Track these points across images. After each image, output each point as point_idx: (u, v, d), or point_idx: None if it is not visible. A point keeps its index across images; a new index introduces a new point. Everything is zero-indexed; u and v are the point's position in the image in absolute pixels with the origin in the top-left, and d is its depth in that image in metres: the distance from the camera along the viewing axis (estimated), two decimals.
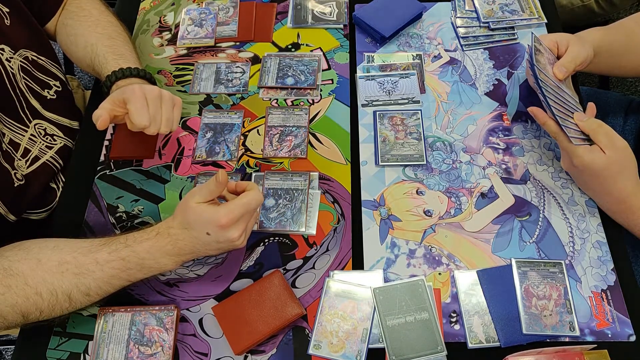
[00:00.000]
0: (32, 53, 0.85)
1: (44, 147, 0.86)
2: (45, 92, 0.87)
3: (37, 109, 0.85)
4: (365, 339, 0.69)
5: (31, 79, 0.85)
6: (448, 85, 0.92)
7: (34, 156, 0.85)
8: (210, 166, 0.85)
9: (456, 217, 0.79)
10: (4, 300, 0.63)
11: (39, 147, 0.85)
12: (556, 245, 0.76)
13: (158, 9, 1.05)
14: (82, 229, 0.80)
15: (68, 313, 0.67)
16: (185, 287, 0.75)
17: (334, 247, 0.77)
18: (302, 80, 0.93)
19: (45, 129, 0.87)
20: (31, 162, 0.84)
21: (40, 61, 0.87)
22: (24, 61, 0.83)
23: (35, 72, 0.86)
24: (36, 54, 0.86)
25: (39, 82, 0.86)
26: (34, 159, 0.85)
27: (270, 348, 0.70)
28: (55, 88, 0.90)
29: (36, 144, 0.84)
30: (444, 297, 0.73)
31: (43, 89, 0.87)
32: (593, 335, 0.69)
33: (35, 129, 0.84)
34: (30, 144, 0.84)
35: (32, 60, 0.85)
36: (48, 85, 0.88)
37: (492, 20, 0.97)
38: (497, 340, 0.69)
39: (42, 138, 0.86)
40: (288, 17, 1.02)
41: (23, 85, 0.83)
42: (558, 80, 0.77)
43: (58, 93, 0.90)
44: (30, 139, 0.84)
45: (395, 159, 0.83)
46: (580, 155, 0.71)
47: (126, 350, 0.69)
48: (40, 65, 0.87)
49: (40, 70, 0.87)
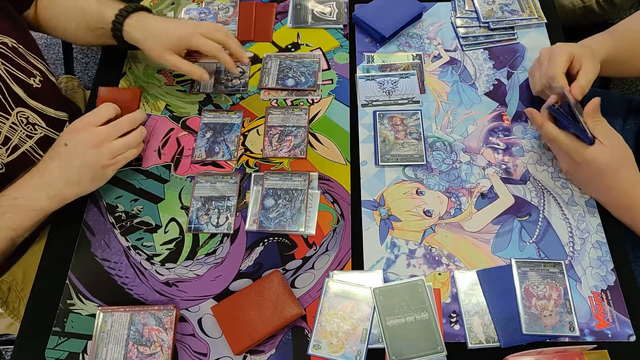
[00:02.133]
0: (11, 40, 0.83)
1: (24, 136, 0.84)
2: (30, 81, 0.86)
3: (20, 96, 0.84)
4: (365, 339, 0.69)
5: (13, 65, 0.83)
6: (448, 85, 0.92)
7: (14, 145, 0.83)
8: (210, 166, 0.85)
9: (456, 217, 0.79)
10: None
11: (19, 135, 0.83)
12: (556, 246, 0.76)
13: (158, 8, 1.05)
14: (81, 229, 0.80)
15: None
16: (184, 287, 0.75)
17: (334, 248, 0.77)
18: (302, 82, 0.93)
19: (27, 117, 0.85)
20: (11, 150, 0.83)
21: (21, 49, 0.85)
22: (2, 47, 0.81)
23: (16, 59, 0.84)
24: (15, 41, 0.84)
25: (22, 70, 0.84)
26: (14, 147, 0.83)
27: (270, 348, 0.70)
28: (38, 77, 0.88)
29: (17, 132, 0.83)
30: (444, 297, 0.72)
31: (29, 77, 0.85)
32: (593, 335, 0.69)
33: (17, 117, 0.83)
34: (10, 132, 0.82)
35: (12, 47, 0.83)
36: (32, 74, 0.86)
37: (492, 20, 0.97)
38: (497, 341, 0.69)
39: (24, 127, 0.84)
40: (288, 17, 1.02)
41: (3, 72, 0.81)
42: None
43: (42, 82, 0.88)
44: (11, 127, 0.82)
45: (395, 159, 0.83)
46: (582, 151, 0.71)
47: (125, 350, 0.69)
48: (21, 52, 0.85)
49: (20, 57, 0.85)
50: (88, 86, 1.66)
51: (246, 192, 0.82)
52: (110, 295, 0.75)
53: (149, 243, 0.79)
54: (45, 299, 0.75)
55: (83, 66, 2.01)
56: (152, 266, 0.77)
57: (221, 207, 0.80)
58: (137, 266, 0.77)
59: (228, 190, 0.82)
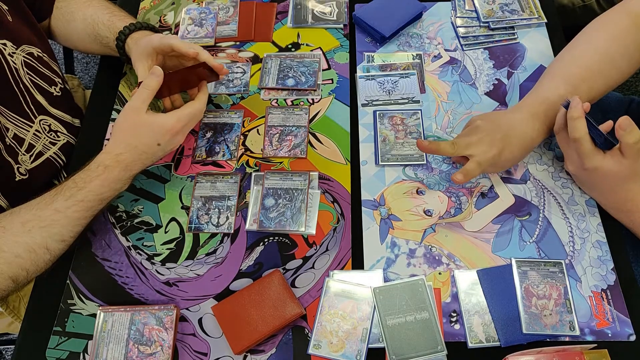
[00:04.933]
0: (36, 49, 0.86)
1: (48, 143, 0.87)
2: (52, 89, 0.88)
3: (42, 104, 0.86)
4: (365, 339, 0.69)
5: (36, 74, 0.85)
6: (448, 85, 0.92)
7: (37, 151, 0.85)
8: (210, 166, 0.85)
9: (456, 216, 0.79)
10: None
11: (42, 142, 0.86)
12: (556, 245, 0.76)
13: (158, 8, 1.05)
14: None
15: (52, 264, 0.71)
16: (184, 286, 0.75)
17: (334, 247, 0.77)
18: (302, 82, 0.93)
19: (49, 125, 0.87)
20: (35, 157, 0.85)
21: (45, 58, 0.88)
22: (27, 57, 0.84)
23: (41, 68, 0.87)
24: (40, 51, 0.87)
25: (44, 78, 0.87)
26: (37, 154, 0.85)
27: (270, 348, 0.70)
28: (59, 85, 0.91)
29: (40, 139, 0.85)
30: (444, 296, 0.72)
31: (50, 85, 0.88)
32: (593, 334, 0.69)
33: (40, 125, 0.85)
34: (34, 139, 0.84)
35: (37, 57, 0.86)
36: (54, 82, 0.89)
37: (492, 20, 0.97)
38: (497, 340, 0.69)
39: (47, 134, 0.86)
40: (288, 17, 1.02)
41: (27, 81, 0.83)
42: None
43: (62, 90, 0.91)
44: (35, 135, 0.84)
45: (395, 158, 0.83)
46: (599, 159, 0.69)
47: (125, 349, 0.69)
48: (46, 62, 0.88)
49: (45, 66, 0.88)
50: (88, 86, 1.66)
51: (246, 191, 0.82)
52: (110, 295, 0.75)
53: (149, 243, 0.79)
54: (46, 298, 0.75)
55: (84, 66, 2.01)
56: (153, 266, 0.77)
57: (221, 207, 0.80)
58: (137, 266, 0.77)
59: (228, 190, 0.82)
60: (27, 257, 0.68)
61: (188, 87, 0.83)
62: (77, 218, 0.71)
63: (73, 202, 0.70)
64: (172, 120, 0.73)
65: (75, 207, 0.70)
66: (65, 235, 0.70)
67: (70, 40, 0.95)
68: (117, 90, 0.95)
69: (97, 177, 0.71)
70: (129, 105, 0.73)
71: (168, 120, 0.73)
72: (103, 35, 0.88)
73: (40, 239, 0.68)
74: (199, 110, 0.77)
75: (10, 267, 0.67)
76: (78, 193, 0.70)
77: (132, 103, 0.73)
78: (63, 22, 0.93)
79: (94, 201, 0.71)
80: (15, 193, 0.81)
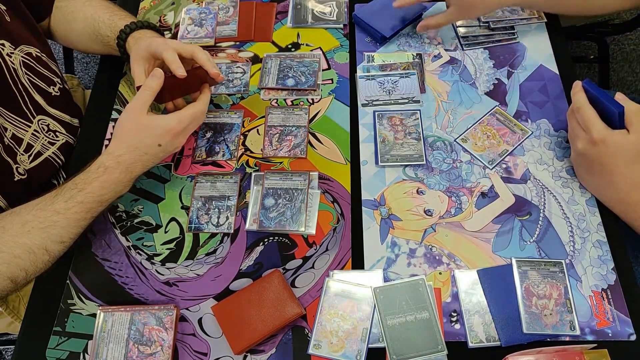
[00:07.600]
0: (35, 49, 0.86)
1: (47, 143, 0.87)
2: (50, 89, 0.88)
3: (41, 105, 0.86)
4: (365, 339, 0.69)
5: (34, 74, 0.85)
6: (448, 84, 0.92)
7: (36, 151, 0.85)
8: (210, 166, 0.85)
9: (456, 216, 0.79)
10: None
11: (41, 142, 0.86)
12: (556, 245, 0.76)
13: (158, 8, 1.05)
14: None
15: (51, 265, 0.71)
16: (184, 286, 0.75)
17: (334, 247, 0.77)
18: (302, 82, 0.93)
19: (48, 125, 0.87)
20: (34, 157, 0.85)
21: (44, 58, 0.88)
22: (26, 57, 0.84)
23: (39, 68, 0.87)
24: (39, 51, 0.87)
25: (43, 78, 0.87)
26: (36, 154, 0.85)
27: (270, 348, 0.70)
28: (58, 85, 0.91)
29: (39, 139, 0.85)
30: (445, 296, 0.72)
31: (49, 85, 0.88)
32: (593, 334, 0.69)
33: (38, 125, 0.85)
34: (33, 139, 0.84)
35: (35, 57, 0.86)
36: (52, 82, 0.89)
37: (492, 20, 0.97)
38: (498, 340, 0.69)
39: (45, 134, 0.86)
40: (288, 17, 1.02)
41: (26, 81, 0.83)
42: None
43: (60, 90, 0.91)
44: (34, 135, 0.84)
45: (395, 159, 0.83)
46: (603, 129, 0.70)
47: (125, 349, 0.69)
48: (44, 62, 0.88)
49: (44, 66, 0.88)
50: (88, 86, 1.66)
51: (246, 191, 0.82)
52: (110, 295, 0.75)
53: (149, 243, 0.79)
54: (46, 298, 0.75)
55: (83, 66, 2.01)
56: (153, 266, 0.77)
57: (221, 207, 0.80)
58: (137, 266, 0.77)
59: (228, 190, 0.82)
60: (26, 257, 0.67)
61: (190, 91, 0.83)
62: (76, 220, 0.70)
63: (73, 204, 0.70)
64: (173, 121, 0.73)
65: (75, 208, 0.70)
66: (65, 237, 0.70)
67: (70, 39, 0.95)
68: (117, 90, 0.95)
69: (97, 178, 0.71)
70: (130, 106, 0.73)
71: (169, 121, 0.73)
72: (104, 35, 0.88)
73: (39, 240, 0.68)
74: (200, 111, 0.77)
75: (9, 267, 0.67)
76: (78, 194, 0.70)
77: (133, 104, 0.73)
78: (63, 22, 0.93)
79: (93, 203, 0.71)
80: (14, 193, 0.81)
